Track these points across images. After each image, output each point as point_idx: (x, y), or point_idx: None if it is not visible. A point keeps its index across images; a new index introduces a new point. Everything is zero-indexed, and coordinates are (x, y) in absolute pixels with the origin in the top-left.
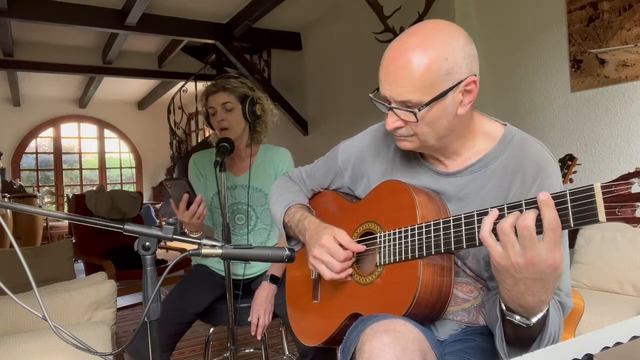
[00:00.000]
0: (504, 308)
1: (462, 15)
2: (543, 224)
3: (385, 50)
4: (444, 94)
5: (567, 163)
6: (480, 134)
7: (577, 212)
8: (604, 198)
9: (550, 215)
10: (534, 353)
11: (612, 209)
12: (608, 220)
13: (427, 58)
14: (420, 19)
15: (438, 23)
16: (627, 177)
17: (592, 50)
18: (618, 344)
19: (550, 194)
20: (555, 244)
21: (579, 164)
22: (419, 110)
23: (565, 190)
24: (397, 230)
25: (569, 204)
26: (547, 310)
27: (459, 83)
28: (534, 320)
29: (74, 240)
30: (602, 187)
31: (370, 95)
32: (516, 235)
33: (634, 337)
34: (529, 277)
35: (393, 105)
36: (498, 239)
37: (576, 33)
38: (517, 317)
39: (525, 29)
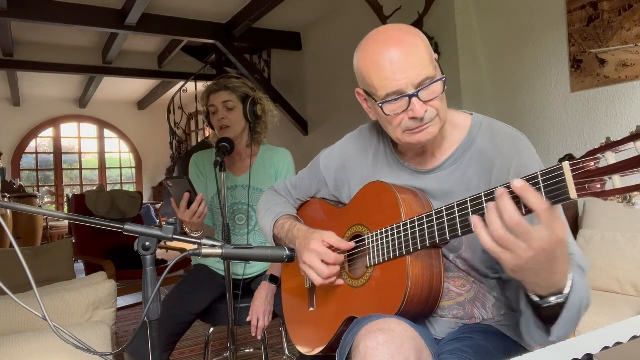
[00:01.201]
0: (536, 299)
1: (462, 15)
2: (534, 208)
3: (367, 57)
4: (440, 67)
5: None
6: (450, 126)
7: (549, 191)
8: (573, 175)
9: (535, 198)
10: (534, 353)
11: (582, 184)
12: (579, 196)
13: (418, 37)
14: (420, 19)
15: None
16: (594, 153)
17: (592, 50)
18: (618, 344)
19: (523, 177)
20: (554, 218)
21: None
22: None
23: (537, 172)
24: (383, 230)
25: (542, 185)
26: (572, 275)
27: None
28: (567, 290)
29: (74, 240)
30: (571, 165)
31: (379, 103)
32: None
33: (634, 337)
34: (545, 261)
35: (415, 90)
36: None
37: (576, 33)
38: (552, 299)
39: (525, 29)
